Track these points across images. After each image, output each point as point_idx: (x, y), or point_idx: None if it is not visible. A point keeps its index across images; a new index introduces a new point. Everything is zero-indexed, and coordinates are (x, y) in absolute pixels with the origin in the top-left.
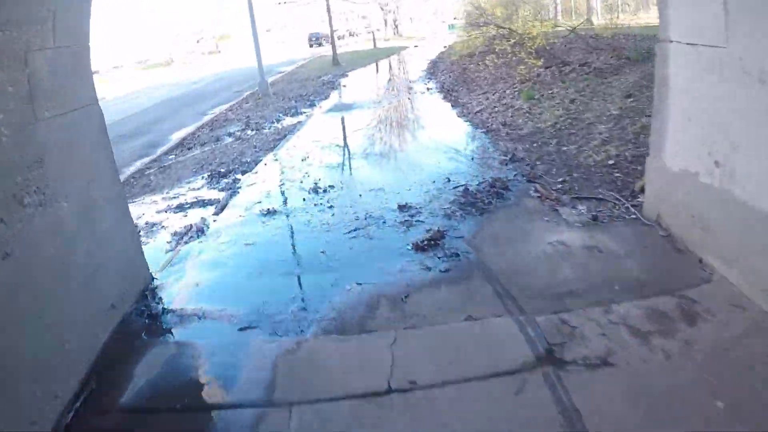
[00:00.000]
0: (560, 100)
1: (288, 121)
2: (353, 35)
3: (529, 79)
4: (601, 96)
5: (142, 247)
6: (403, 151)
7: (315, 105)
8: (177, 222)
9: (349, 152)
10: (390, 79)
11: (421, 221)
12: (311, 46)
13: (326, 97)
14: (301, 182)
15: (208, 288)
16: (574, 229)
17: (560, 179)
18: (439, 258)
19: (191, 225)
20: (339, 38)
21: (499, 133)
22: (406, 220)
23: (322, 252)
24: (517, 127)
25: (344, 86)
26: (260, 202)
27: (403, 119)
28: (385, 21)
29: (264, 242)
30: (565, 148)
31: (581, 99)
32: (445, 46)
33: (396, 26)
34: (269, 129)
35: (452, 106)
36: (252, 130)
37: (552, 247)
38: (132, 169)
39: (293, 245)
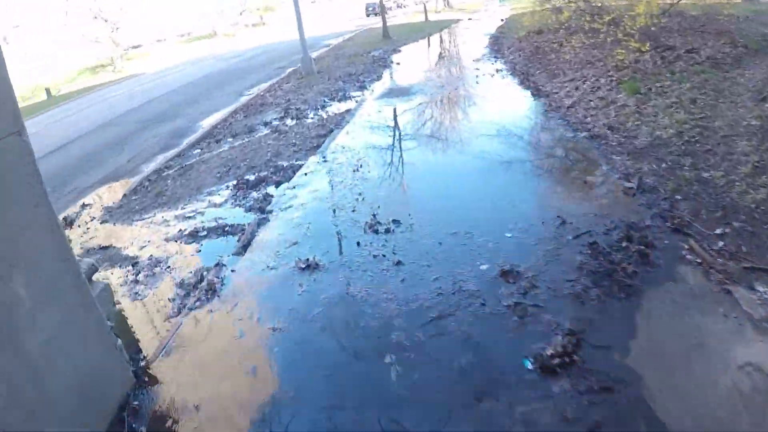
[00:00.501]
0: (676, 98)
1: (335, 108)
2: (401, 7)
3: (626, 65)
4: (727, 96)
5: (137, 302)
6: (488, 166)
7: (366, 87)
8: (187, 262)
9: (414, 162)
10: (449, 57)
11: (540, 306)
12: (368, 15)
13: (378, 78)
14: (354, 210)
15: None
16: (766, 334)
17: (717, 230)
18: (581, 394)
19: (202, 276)
20: (387, 10)
21: (608, 141)
22: (516, 303)
23: (389, 363)
24: (629, 134)
25: (397, 64)
26: (296, 243)
27: (477, 113)
28: None
29: (297, 331)
30: (706, 175)
31: (703, 99)
32: (502, 20)
33: None
34: (312, 119)
35: (533, 95)
36: (292, 119)
37: (746, 376)
38: (151, 166)
39: (340, 343)
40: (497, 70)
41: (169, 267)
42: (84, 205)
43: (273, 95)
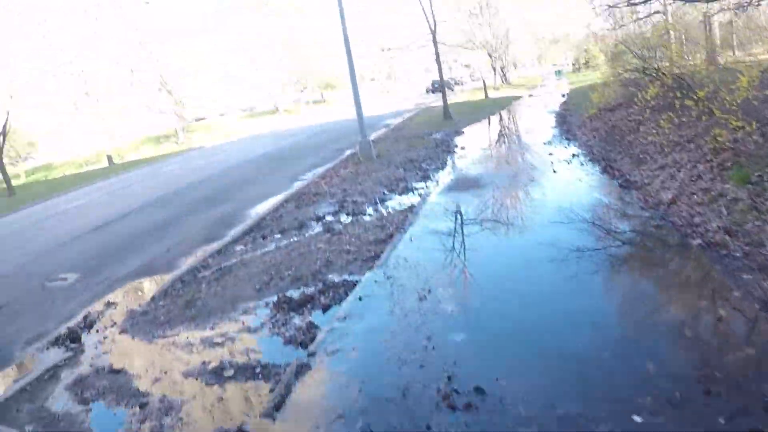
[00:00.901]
0: None
1: (395, 202)
2: (458, 84)
3: (725, 147)
4: None
5: None
6: (598, 301)
7: (429, 177)
8: (203, 417)
9: (496, 290)
10: (517, 140)
11: None
12: (428, 92)
13: (442, 166)
14: (422, 366)
15: None
16: None
17: None
18: None
19: None
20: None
21: (729, 252)
22: None
23: None
24: (753, 240)
25: (462, 149)
26: (342, 417)
27: (563, 214)
28: (494, 68)
29: None
30: None
31: None
32: (564, 95)
33: (504, 74)
34: (370, 216)
35: (622, 186)
36: (347, 214)
37: None
38: (188, 262)
39: None
40: (573, 155)
41: (180, 419)
42: (109, 304)
43: (328, 183)
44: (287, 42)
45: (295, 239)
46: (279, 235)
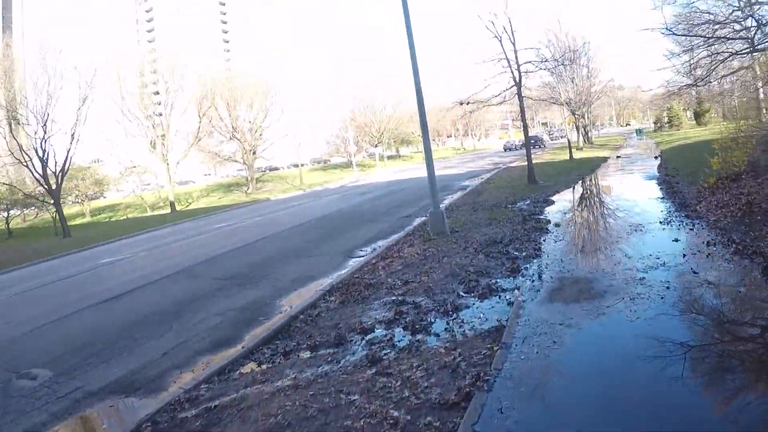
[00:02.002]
0: None
1: (475, 314)
2: (554, 139)
3: None
4: None
5: None
6: None
7: (520, 270)
8: None
9: None
10: (624, 216)
11: None
12: (506, 150)
13: (535, 253)
14: None
15: None
16: None
17: None
18: None
19: None
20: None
21: None
22: None
23: None
24: None
25: (557, 226)
26: None
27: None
28: (576, 127)
29: None
30: None
31: None
32: (656, 157)
33: (587, 132)
34: (437, 338)
35: None
36: (405, 329)
37: None
38: (176, 386)
39: None
40: (708, 243)
41: None
42: None
43: (387, 267)
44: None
45: (325, 369)
46: (307, 355)
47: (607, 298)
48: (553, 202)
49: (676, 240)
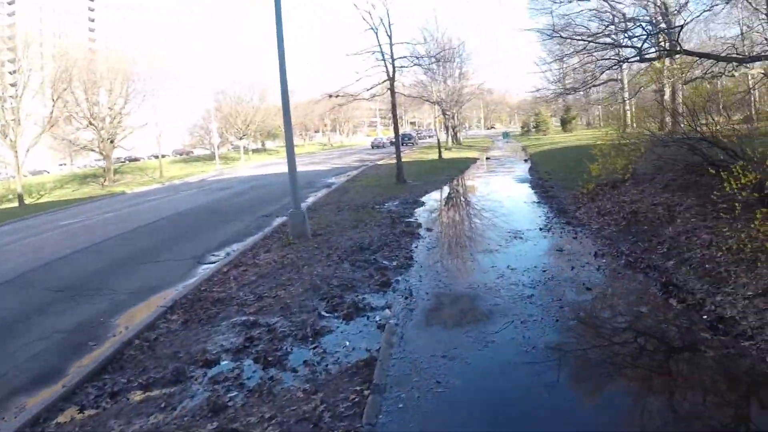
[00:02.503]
0: None
1: (339, 341)
2: (423, 137)
3: None
4: None
5: None
6: None
7: (390, 284)
8: None
9: None
10: (503, 223)
11: None
12: (373, 147)
13: (408, 262)
14: None
15: None
16: None
17: None
18: None
19: None
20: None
21: None
22: None
23: None
24: None
25: (428, 230)
26: None
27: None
28: (446, 127)
29: None
30: None
31: None
32: (526, 160)
33: (456, 133)
34: (294, 375)
35: (712, 329)
36: (258, 363)
37: None
38: None
39: None
40: (595, 254)
41: None
42: None
43: (240, 278)
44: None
45: (157, 420)
46: (138, 396)
47: (495, 321)
48: (423, 204)
49: (561, 250)
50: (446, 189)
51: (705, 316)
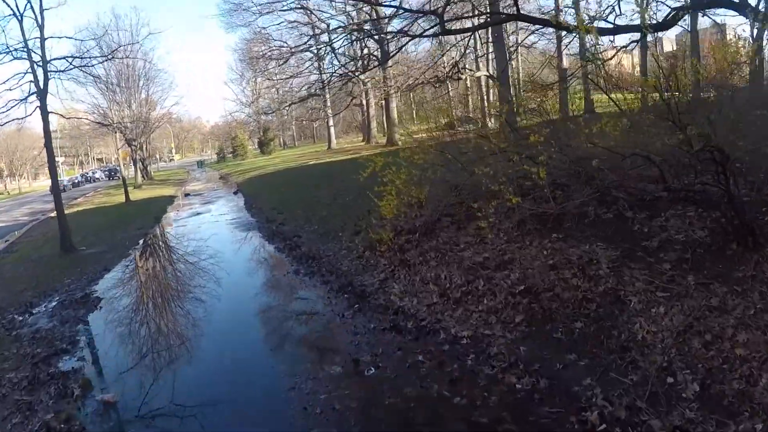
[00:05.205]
0: None
1: None
2: (91, 181)
3: None
4: None
5: None
6: None
7: None
8: None
9: None
10: (251, 331)
11: None
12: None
13: None
14: None
15: None
16: None
17: None
18: None
19: None
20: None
21: None
22: None
23: None
24: None
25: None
26: None
27: None
28: (134, 160)
29: None
30: None
31: None
32: (235, 193)
33: (145, 167)
34: None
35: None
36: None
37: None
38: None
39: None
40: None
41: None
42: None
43: None
44: None
45: None
46: None
47: None
48: (99, 302)
49: None
50: (137, 257)
51: None
